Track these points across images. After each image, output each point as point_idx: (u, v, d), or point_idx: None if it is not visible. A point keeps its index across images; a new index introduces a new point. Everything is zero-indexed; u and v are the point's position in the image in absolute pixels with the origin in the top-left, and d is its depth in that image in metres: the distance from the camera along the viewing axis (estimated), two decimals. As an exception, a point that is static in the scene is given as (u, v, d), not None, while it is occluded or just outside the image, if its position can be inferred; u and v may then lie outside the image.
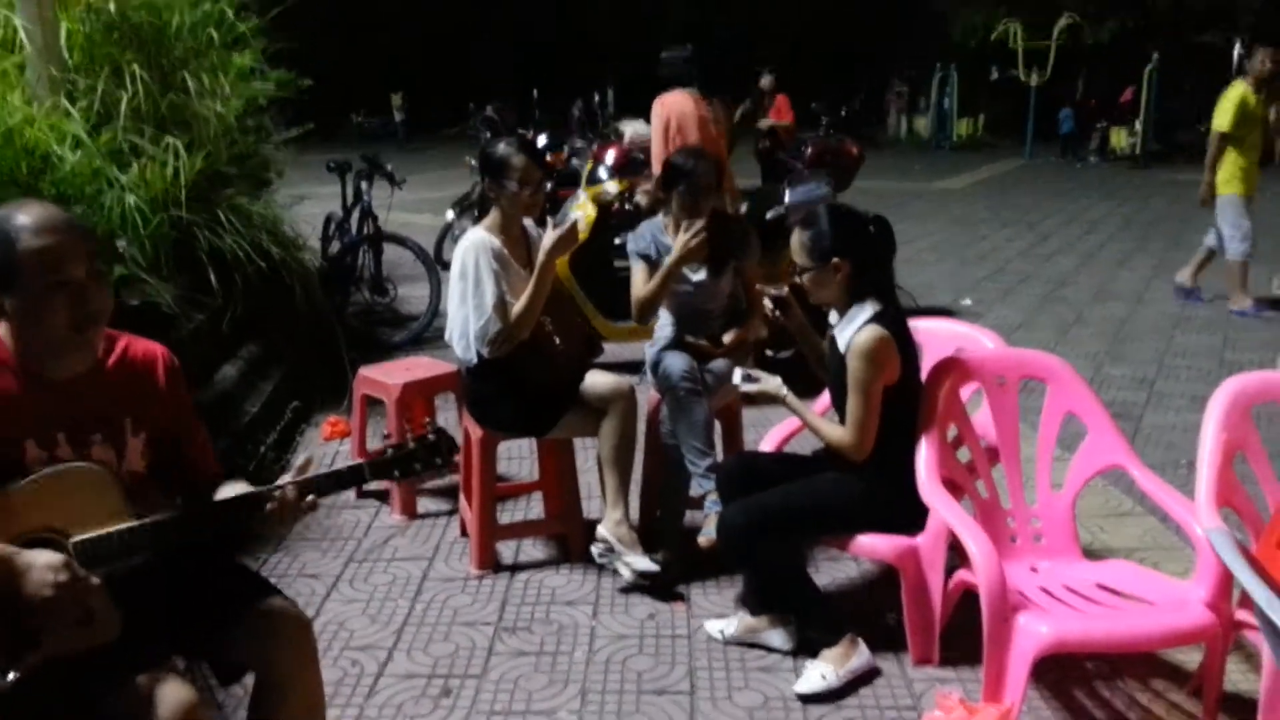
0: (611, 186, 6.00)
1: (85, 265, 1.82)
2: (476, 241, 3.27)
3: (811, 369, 3.16)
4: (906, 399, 2.86)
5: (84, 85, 4.64)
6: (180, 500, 2.11)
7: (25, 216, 1.79)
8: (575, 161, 8.16)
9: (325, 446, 4.68)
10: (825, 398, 3.16)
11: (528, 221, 3.48)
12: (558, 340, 3.37)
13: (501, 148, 3.33)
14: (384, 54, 30.47)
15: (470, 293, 3.22)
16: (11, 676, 1.34)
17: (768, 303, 3.03)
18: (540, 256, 3.21)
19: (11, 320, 1.83)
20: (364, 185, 6.83)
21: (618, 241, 5.72)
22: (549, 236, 3.20)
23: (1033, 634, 2.37)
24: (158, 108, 4.85)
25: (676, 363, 3.37)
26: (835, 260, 2.79)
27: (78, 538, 1.78)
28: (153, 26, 5.11)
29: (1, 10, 4.65)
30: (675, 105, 5.83)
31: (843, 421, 2.87)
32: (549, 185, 3.40)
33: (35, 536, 1.75)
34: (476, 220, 3.48)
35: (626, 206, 5.98)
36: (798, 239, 2.86)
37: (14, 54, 4.47)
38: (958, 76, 24.98)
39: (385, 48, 30.50)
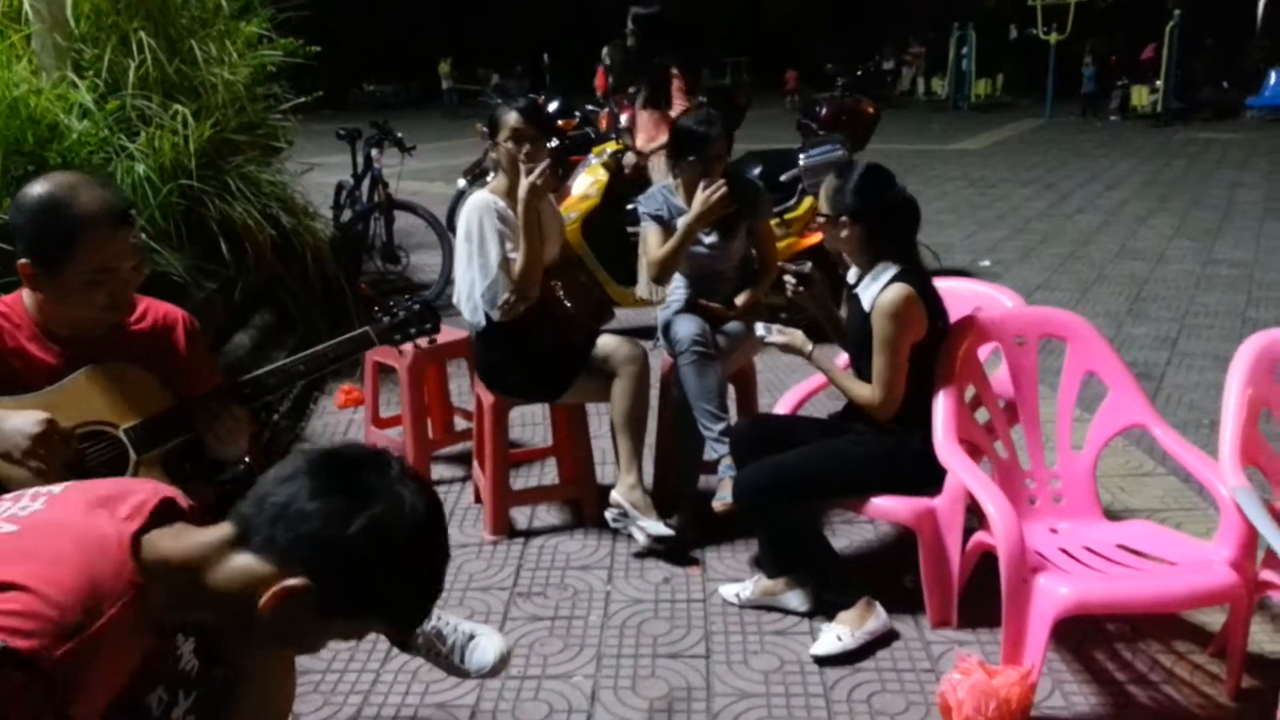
0: (609, 147, 5.96)
1: (133, 257, 1.86)
2: (480, 203, 3.22)
3: (829, 337, 3.13)
4: (928, 360, 2.82)
5: (91, 54, 4.61)
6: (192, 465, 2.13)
7: (84, 202, 1.79)
8: (587, 128, 8.10)
9: (339, 414, 4.68)
10: (844, 357, 3.12)
11: None
12: (568, 304, 3.33)
13: (499, 108, 3.30)
14: (395, 22, 30.33)
15: (475, 254, 3.19)
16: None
17: (789, 279, 3.00)
18: (520, 207, 3.15)
19: (44, 293, 1.86)
20: (374, 153, 6.79)
21: (629, 207, 5.67)
22: (522, 185, 3.14)
23: (1052, 595, 2.33)
24: (165, 76, 4.80)
25: (689, 326, 3.33)
26: (844, 219, 2.77)
27: (126, 425, 1.85)
28: (159, -5, 5.06)
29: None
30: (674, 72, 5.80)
31: (864, 381, 2.83)
32: (549, 145, 3.34)
33: (87, 430, 1.82)
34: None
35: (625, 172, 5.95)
36: (828, 184, 2.85)
37: (20, 24, 4.44)
38: (975, 35, 24.63)
39: (397, 16, 30.35)
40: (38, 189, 1.82)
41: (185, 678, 1.94)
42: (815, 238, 5.43)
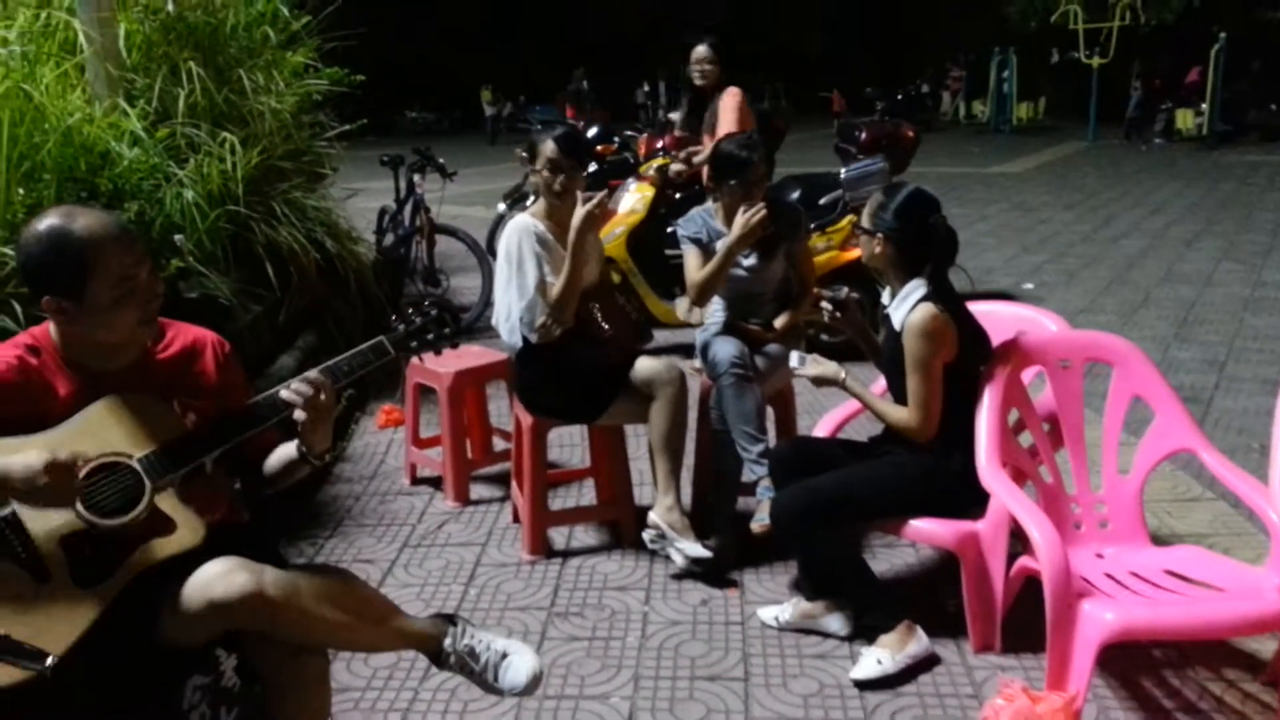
0: (656, 162, 6.03)
1: (146, 265, 1.88)
2: (520, 226, 3.26)
3: (869, 359, 3.12)
4: (966, 380, 2.80)
5: (142, 84, 4.72)
6: (239, 482, 2.15)
7: (83, 224, 1.82)
8: (626, 153, 8.16)
9: (380, 435, 4.72)
10: (882, 382, 3.10)
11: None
12: (606, 326, 3.35)
13: (536, 135, 3.35)
14: (437, 50, 30.77)
15: (514, 276, 3.22)
16: (50, 661, 1.36)
17: (826, 305, 3.00)
18: (571, 234, 3.19)
19: (66, 322, 1.87)
20: (416, 178, 6.88)
21: (670, 230, 5.69)
22: (578, 213, 3.18)
23: (1098, 621, 2.29)
24: (214, 105, 4.91)
25: (727, 348, 3.33)
26: (880, 235, 2.79)
27: (140, 454, 1.84)
28: (208, 25, 5.19)
29: (62, 13, 4.74)
30: (740, 95, 5.75)
31: (900, 402, 2.82)
32: (584, 173, 3.38)
33: (102, 462, 1.82)
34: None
35: (678, 196, 5.95)
36: (873, 199, 2.87)
37: (74, 55, 4.56)
38: (1017, 59, 24.49)
39: (439, 44, 30.80)
40: (36, 227, 1.84)
41: (227, 694, 1.97)
42: (857, 252, 5.43)
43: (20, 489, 1.70)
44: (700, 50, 5.62)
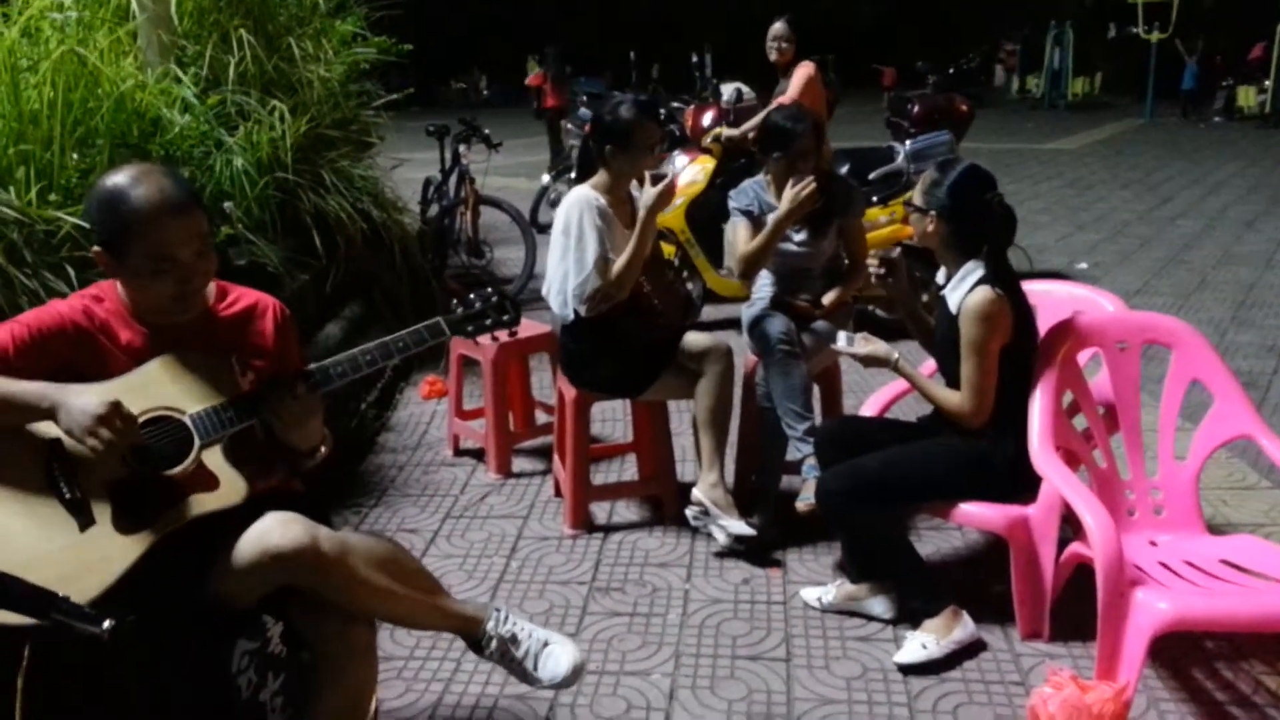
0: (715, 131, 6.09)
1: (194, 245, 1.87)
2: (582, 198, 3.21)
3: (916, 338, 3.06)
4: (1020, 363, 2.74)
5: (193, 51, 4.74)
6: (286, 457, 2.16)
7: (141, 192, 1.82)
8: (672, 125, 8.10)
9: (424, 405, 4.74)
10: (931, 362, 3.05)
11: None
12: (656, 302, 3.32)
13: (625, 112, 3.21)
14: (483, 21, 30.74)
15: (572, 249, 3.18)
16: (108, 624, 1.36)
17: (873, 263, 2.93)
18: (641, 213, 3.15)
19: (120, 280, 1.93)
20: (461, 149, 6.87)
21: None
22: (649, 193, 3.13)
23: (1151, 610, 2.24)
24: (264, 72, 4.92)
25: (774, 324, 3.29)
26: (933, 214, 2.71)
27: (192, 411, 1.88)
28: (259, -7, 5.19)
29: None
30: (813, 69, 5.74)
31: (951, 385, 2.76)
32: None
33: (156, 415, 1.86)
34: (574, 182, 3.42)
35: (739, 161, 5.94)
36: (925, 176, 2.79)
37: (127, 21, 4.58)
38: (1073, 34, 23.95)
39: (485, 15, 30.77)
40: (106, 180, 1.87)
41: (274, 660, 1.99)
42: None
43: (71, 423, 1.73)
44: (778, 27, 5.81)
